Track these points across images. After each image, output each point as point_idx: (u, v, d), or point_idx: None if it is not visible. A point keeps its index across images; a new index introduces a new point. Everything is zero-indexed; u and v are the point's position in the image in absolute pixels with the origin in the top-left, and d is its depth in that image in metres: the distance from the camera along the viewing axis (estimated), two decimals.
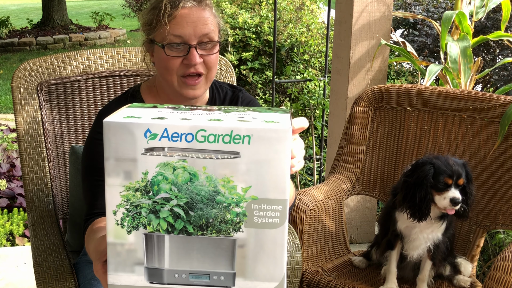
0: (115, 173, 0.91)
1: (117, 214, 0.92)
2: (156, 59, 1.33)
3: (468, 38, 2.25)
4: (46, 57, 1.73)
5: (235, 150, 0.88)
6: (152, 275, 0.93)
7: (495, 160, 1.83)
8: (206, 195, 0.91)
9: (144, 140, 0.90)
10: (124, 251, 0.93)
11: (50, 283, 1.49)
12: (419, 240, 1.69)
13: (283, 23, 4.79)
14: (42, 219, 1.65)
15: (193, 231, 0.92)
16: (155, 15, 1.27)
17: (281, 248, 0.91)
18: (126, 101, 1.40)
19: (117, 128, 0.91)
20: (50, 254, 1.56)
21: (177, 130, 0.89)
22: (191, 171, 0.90)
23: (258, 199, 0.89)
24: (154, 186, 0.91)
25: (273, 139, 0.87)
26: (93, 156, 1.33)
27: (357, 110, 2.02)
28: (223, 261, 0.92)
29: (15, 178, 3.63)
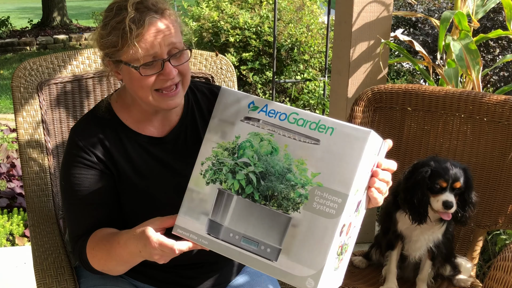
0: (214, 131, 1.07)
1: (203, 165, 1.06)
2: (127, 78, 1.27)
3: (469, 36, 2.25)
4: (46, 57, 1.73)
5: (317, 137, 0.98)
6: (211, 228, 1.03)
7: (495, 160, 1.83)
8: (279, 169, 0.99)
9: (246, 109, 1.04)
10: (198, 199, 1.05)
11: (51, 284, 1.49)
12: (420, 242, 1.69)
13: (283, 23, 4.79)
14: (42, 219, 1.65)
15: (257, 199, 1.00)
16: (119, 36, 1.20)
17: (329, 239, 0.94)
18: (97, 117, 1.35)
19: (230, 94, 1.07)
20: (50, 255, 1.56)
21: (275, 108, 1.02)
22: (275, 145, 1.00)
23: (323, 186, 0.96)
24: (240, 150, 1.03)
25: (353, 136, 0.95)
26: (74, 179, 1.30)
27: (357, 110, 2.02)
28: (274, 234, 0.98)
29: (15, 178, 3.63)
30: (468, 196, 1.62)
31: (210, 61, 1.87)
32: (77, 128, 1.35)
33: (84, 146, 1.30)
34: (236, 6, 5.01)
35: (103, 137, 1.32)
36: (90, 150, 1.30)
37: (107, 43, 1.23)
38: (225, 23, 4.73)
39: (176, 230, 1.06)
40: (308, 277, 0.93)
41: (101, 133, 1.32)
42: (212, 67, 1.86)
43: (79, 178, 1.30)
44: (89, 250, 1.28)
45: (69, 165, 1.32)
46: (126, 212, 1.35)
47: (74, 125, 1.38)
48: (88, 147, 1.30)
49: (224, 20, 4.78)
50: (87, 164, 1.30)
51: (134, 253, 1.17)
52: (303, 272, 0.94)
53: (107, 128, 1.34)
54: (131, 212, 1.34)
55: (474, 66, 2.18)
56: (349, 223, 0.99)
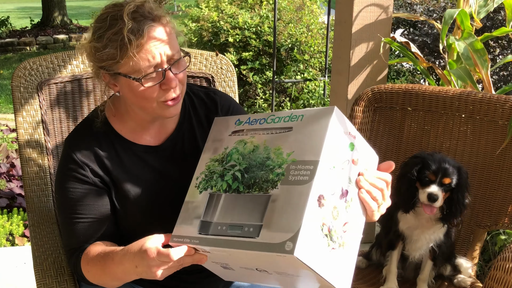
0: (208, 150, 1.19)
1: (198, 179, 1.16)
2: (126, 91, 1.23)
3: (473, 34, 2.24)
4: (46, 56, 1.73)
5: (289, 126, 1.10)
6: (202, 227, 1.09)
7: (495, 160, 1.83)
8: (260, 160, 1.09)
9: (233, 126, 1.19)
10: (192, 208, 1.13)
11: (51, 284, 1.49)
12: (421, 241, 1.69)
13: (283, 23, 4.79)
14: (42, 219, 1.65)
15: (242, 190, 1.08)
16: (117, 48, 1.15)
17: (304, 202, 0.99)
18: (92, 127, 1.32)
19: (222, 121, 1.23)
20: (50, 255, 1.56)
21: (256, 117, 1.17)
22: (256, 144, 1.12)
23: (296, 161, 1.04)
24: (228, 157, 1.14)
25: (319, 115, 1.07)
26: (68, 193, 1.29)
27: (357, 110, 2.02)
28: (256, 214, 1.03)
29: (15, 178, 3.63)
30: (458, 195, 1.61)
31: (210, 61, 1.86)
32: (71, 140, 1.32)
33: (78, 160, 1.27)
34: (236, 6, 5.01)
35: (98, 149, 1.29)
36: (85, 163, 1.28)
37: (104, 56, 1.18)
38: (225, 23, 4.73)
39: (172, 240, 1.10)
40: (286, 241, 0.96)
41: (96, 145, 1.30)
42: (212, 67, 1.86)
43: (73, 192, 1.28)
44: (83, 265, 1.27)
45: (64, 179, 1.30)
46: (123, 223, 1.33)
47: (68, 136, 1.35)
48: (83, 161, 1.27)
49: (224, 20, 4.78)
50: (82, 179, 1.27)
51: (128, 270, 1.14)
52: (282, 237, 0.97)
53: (102, 139, 1.31)
54: (129, 222, 1.33)
55: (482, 63, 2.16)
56: (333, 205, 1.02)
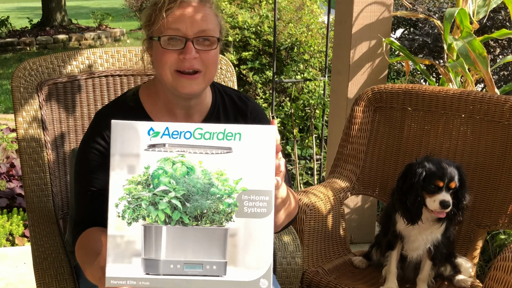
0: (119, 168, 0.99)
1: (118, 207, 0.98)
2: (154, 55, 1.31)
3: (472, 34, 2.24)
4: (46, 57, 1.73)
5: (227, 145, 0.98)
6: (148, 266, 0.97)
7: (495, 160, 1.83)
8: (201, 187, 0.98)
9: (147, 137, 0.99)
10: (124, 243, 0.98)
11: (50, 284, 1.49)
12: (418, 242, 1.69)
13: (283, 23, 4.79)
14: (42, 219, 1.65)
15: (188, 222, 0.98)
16: (154, 10, 1.26)
17: (269, 237, 0.97)
18: (123, 104, 1.37)
19: (124, 127, 1.00)
20: (50, 255, 1.56)
21: (177, 128, 0.99)
22: (189, 165, 0.98)
23: (247, 190, 0.98)
24: (154, 180, 0.98)
25: (260, 134, 0.98)
26: (88, 164, 1.31)
27: (357, 110, 2.02)
28: (216, 250, 0.97)
29: (14, 178, 3.63)
30: (462, 194, 1.63)
31: None
32: (101, 112, 1.38)
33: (103, 131, 1.31)
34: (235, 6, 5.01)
35: None
36: (108, 135, 1.28)
37: (144, 19, 1.29)
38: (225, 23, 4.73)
39: (109, 282, 0.97)
40: (260, 278, 0.95)
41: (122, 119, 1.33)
42: None
43: (94, 165, 1.30)
44: (76, 248, 1.29)
45: (87, 150, 1.32)
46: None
47: (99, 110, 1.41)
48: (107, 133, 1.29)
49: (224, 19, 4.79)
50: (105, 155, 1.29)
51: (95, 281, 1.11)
52: (254, 275, 0.95)
53: (129, 114, 1.32)
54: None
55: (482, 61, 2.16)
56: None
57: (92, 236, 1.28)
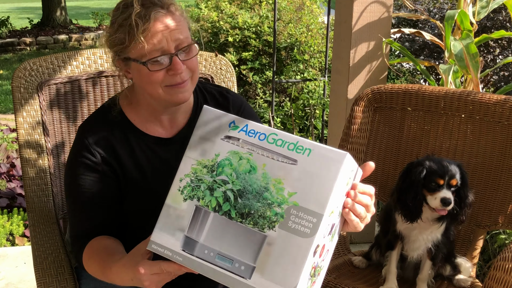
0: (194, 148, 1.07)
1: (182, 182, 1.06)
2: (136, 76, 1.27)
3: (470, 36, 2.25)
4: (46, 57, 1.73)
5: (294, 157, 0.99)
6: (187, 244, 1.02)
7: (495, 160, 1.83)
8: (257, 188, 1.00)
9: (227, 128, 1.06)
10: (175, 215, 1.04)
11: (51, 283, 1.49)
12: (418, 241, 1.69)
13: (283, 23, 4.79)
14: (42, 219, 1.65)
15: (234, 217, 1.01)
16: (126, 33, 1.21)
17: (303, 258, 0.95)
18: (106, 116, 1.34)
19: (211, 113, 1.08)
20: (50, 254, 1.56)
21: (254, 128, 1.04)
22: (253, 164, 1.02)
23: (298, 205, 0.97)
24: (219, 168, 1.04)
25: (329, 158, 0.97)
26: (77, 179, 1.30)
27: (357, 110, 2.02)
28: (249, 252, 0.98)
29: (15, 178, 3.63)
30: (464, 192, 1.63)
31: (210, 62, 1.87)
32: (85, 126, 1.35)
33: (91, 147, 1.30)
34: (235, 6, 5.01)
35: (111, 136, 1.32)
36: (95, 150, 1.30)
37: (115, 40, 1.24)
38: (225, 23, 4.73)
39: (150, 246, 1.05)
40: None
41: (108, 132, 1.33)
42: (211, 67, 1.86)
43: (82, 179, 1.30)
44: (85, 259, 1.28)
45: (75, 165, 1.32)
46: (129, 212, 1.34)
47: (83, 122, 1.38)
48: (94, 147, 1.30)
49: (224, 20, 4.79)
50: (92, 167, 1.30)
51: (126, 281, 1.15)
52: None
53: (115, 127, 1.34)
54: (135, 212, 1.34)
55: (474, 65, 2.18)
56: (323, 245, 1.00)
57: (103, 242, 1.28)
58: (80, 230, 1.33)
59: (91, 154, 1.30)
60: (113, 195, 1.32)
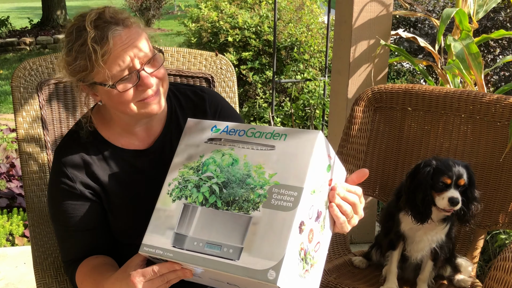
0: (181, 155, 1.14)
1: (170, 186, 1.11)
2: (105, 98, 1.23)
3: (470, 36, 2.25)
4: (46, 57, 1.72)
5: (272, 144, 1.07)
6: (177, 240, 1.06)
7: (495, 160, 1.83)
8: (240, 177, 1.06)
9: (209, 132, 1.14)
10: (164, 216, 1.09)
11: (51, 284, 1.49)
12: (423, 242, 1.69)
13: (283, 23, 4.79)
14: (42, 219, 1.65)
15: (220, 206, 1.05)
16: (86, 59, 1.14)
17: (287, 230, 0.98)
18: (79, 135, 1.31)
19: (195, 124, 1.17)
20: (50, 255, 1.56)
21: (234, 127, 1.13)
22: (235, 157, 1.09)
23: (279, 184, 1.03)
24: (204, 167, 1.10)
25: (303, 137, 1.05)
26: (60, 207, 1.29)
27: (357, 110, 2.01)
28: (236, 235, 1.02)
29: (14, 178, 3.63)
30: (471, 192, 1.62)
31: (210, 61, 1.86)
32: (60, 151, 1.31)
33: (68, 173, 1.28)
34: (235, 6, 5.01)
35: (87, 158, 1.29)
36: (74, 175, 1.28)
37: (76, 69, 1.18)
38: (225, 23, 4.73)
39: (142, 248, 1.07)
40: (269, 269, 0.96)
41: (84, 154, 1.30)
42: (212, 67, 1.86)
43: (64, 206, 1.28)
44: (78, 281, 1.28)
45: (55, 193, 1.30)
46: (116, 228, 1.33)
47: (57, 147, 1.34)
48: (73, 173, 1.28)
49: (224, 20, 4.78)
50: (72, 193, 1.28)
51: None
52: (264, 265, 0.97)
53: (90, 147, 1.31)
54: (122, 226, 1.33)
55: (476, 66, 2.17)
56: (310, 228, 1.03)
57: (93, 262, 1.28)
58: (70, 256, 1.33)
59: (70, 179, 1.27)
60: (97, 216, 1.30)
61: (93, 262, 1.28)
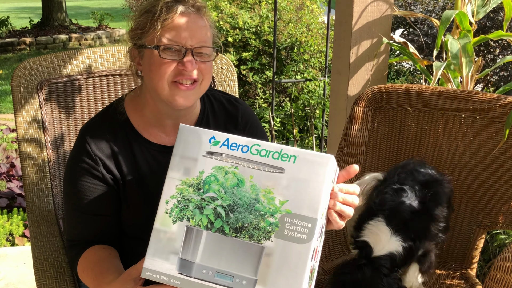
0: (177, 168, 1.04)
1: (168, 204, 1.03)
2: (146, 65, 1.25)
3: (468, 36, 2.25)
4: (46, 56, 1.73)
5: (281, 166, 0.99)
6: (183, 266, 1.00)
7: (495, 160, 1.83)
8: (247, 201, 0.99)
9: (208, 144, 1.03)
10: (165, 239, 1.02)
11: (51, 285, 1.49)
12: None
13: (283, 23, 4.79)
14: (42, 219, 1.65)
15: (228, 232, 0.99)
16: (149, 18, 1.21)
17: (304, 264, 0.95)
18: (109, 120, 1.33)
19: (190, 132, 1.05)
20: (51, 256, 1.56)
21: (236, 141, 1.03)
22: (240, 177, 1.01)
23: (291, 213, 0.97)
24: (205, 185, 1.02)
25: (316, 162, 0.98)
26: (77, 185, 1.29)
27: (357, 110, 2.01)
28: (249, 266, 0.97)
29: (14, 178, 3.63)
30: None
31: None
32: (88, 130, 1.32)
33: (93, 154, 1.27)
34: (235, 6, 5.01)
35: (113, 142, 1.30)
36: (97, 156, 1.28)
37: (136, 25, 1.24)
38: (224, 23, 4.73)
39: (145, 273, 1.02)
40: None
41: (111, 139, 1.30)
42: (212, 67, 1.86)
43: (82, 185, 1.28)
44: (79, 270, 1.28)
45: (75, 170, 1.30)
46: (127, 220, 1.33)
47: (85, 124, 1.35)
48: (96, 154, 1.28)
49: (224, 20, 4.79)
50: (93, 174, 1.28)
51: None
52: None
53: (118, 131, 1.31)
54: (133, 219, 1.33)
55: (467, 64, 2.17)
56: (316, 247, 1.01)
57: (99, 254, 1.28)
58: (76, 237, 1.32)
59: (92, 160, 1.27)
60: (111, 203, 1.30)
61: (100, 254, 1.27)
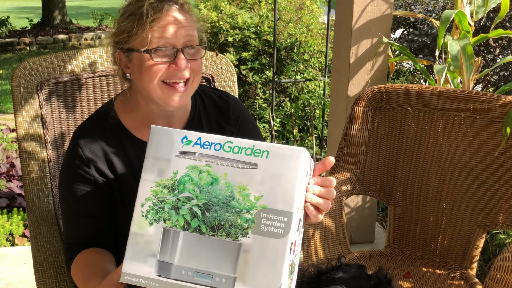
0: (150, 170, 1.03)
1: (144, 207, 1.03)
2: (136, 68, 1.24)
3: (468, 36, 2.24)
4: (46, 56, 1.73)
5: (254, 162, 0.99)
6: (161, 268, 1.00)
7: (495, 160, 1.83)
8: (222, 198, 0.99)
9: (180, 144, 1.03)
10: (143, 242, 1.01)
11: (51, 285, 1.49)
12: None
13: (283, 23, 4.79)
14: (42, 219, 1.65)
15: (205, 231, 0.99)
16: (135, 21, 1.20)
17: (281, 259, 0.95)
18: (101, 122, 1.33)
19: (161, 132, 1.04)
20: (51, 255, 1.56)
21: (208, 139, 1.02)
22: (214, 175, 1.00)
23: (267, 208, 0.97)
24: (180, 185, 1.01)
25: (288, 156, 0.98)
26: (70, 189, 1.29)
27: (357, 110, 2.01)
28: (227, 263, 0.97)
29: (14, 178, 3.63)
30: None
31: (210, 61, 1.86)
32: (80, 133, 1.32)
33: (84, 157, 1.28)
34: (235, 6, 5.01)
35: (106, 143, 1.30)
36: (90, 160, 1.28)
37: (122, 29, 1.23)
38: (224, 23, 4.73)
39: (123, 278, 1.01)
40: None
41: (103, 139, 1.30)
42: (212, 66, 1.86)
43: (75, 189, 1.28)
44: (72, 272, 1.29)
45: (68, 174, 1.30)
46: (123, 220, 1.32)
47: (77, 128, 1.35)
48: (89, 157, 1.28)
49: (223, 20, 4.78)
50: (85, 177, 1.28)
51: None
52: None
53: (110, 133, 1.31)
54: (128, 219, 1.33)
55: (467, 67, 2.17)
56: (294, 241, 1.01)
57: (89, 258, 1.28)
58: (70, 238, 1.33)
59: (85, 164, 1.27)
60: (106, 205, 1.31)
61: (90, 257, 1.28)
